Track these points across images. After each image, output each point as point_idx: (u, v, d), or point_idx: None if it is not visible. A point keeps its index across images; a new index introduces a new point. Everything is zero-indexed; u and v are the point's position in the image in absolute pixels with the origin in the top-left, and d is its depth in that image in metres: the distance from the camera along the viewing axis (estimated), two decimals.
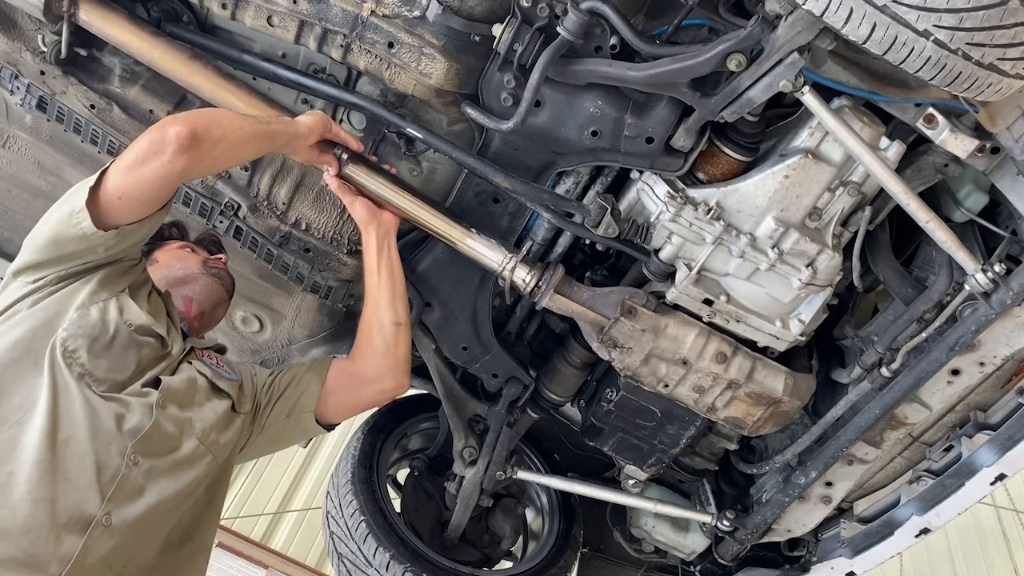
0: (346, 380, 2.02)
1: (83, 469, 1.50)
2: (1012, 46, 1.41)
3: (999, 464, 2.10)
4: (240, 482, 8.02)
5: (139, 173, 1.59)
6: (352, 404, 2.11)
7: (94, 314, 1.63)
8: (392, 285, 2.04)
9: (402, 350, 2.06)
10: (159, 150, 1.57)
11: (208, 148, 1.63)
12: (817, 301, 2.02)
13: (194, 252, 2.11)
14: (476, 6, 1.82)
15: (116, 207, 1.61)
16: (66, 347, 1.58)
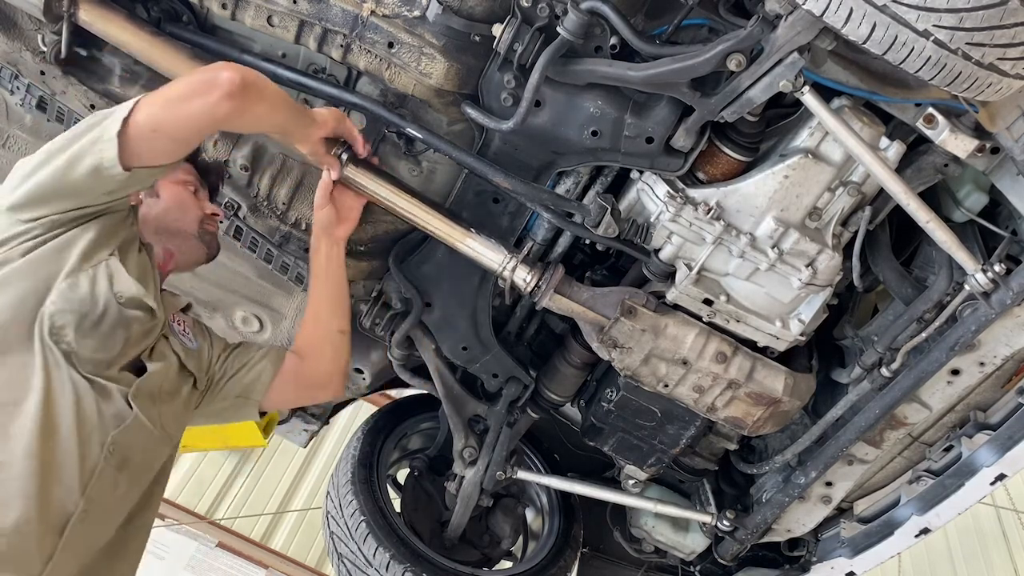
0: (293, 379, 2.02)
1: (70, 463, 1.48)
2: (1012, 46, 1.41)
3: (999, 464, 2.10)
4: (240, 482, 8.02)
5: (181, 109, 1.54)
6: (290, 401, 2.17)
7: (83, 286, 1.57)
8: (338, 294, 2.06)
9: (345, 359, 2.11)
10: (207, 90, 1.53)
11: (252, 102, 1.60)
12: (817, 301, 2.02)
13: (196, 195, 2.01)
14: (476, 6, 1.82)
15: (145, 141, 1.53)
16: (53, 323, 1.52)
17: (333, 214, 2.01)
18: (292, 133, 1.85)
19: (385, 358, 2.62)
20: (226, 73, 1.56)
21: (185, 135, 1.60)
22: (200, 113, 1.55)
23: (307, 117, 1.83)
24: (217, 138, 2.10)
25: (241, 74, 1.57)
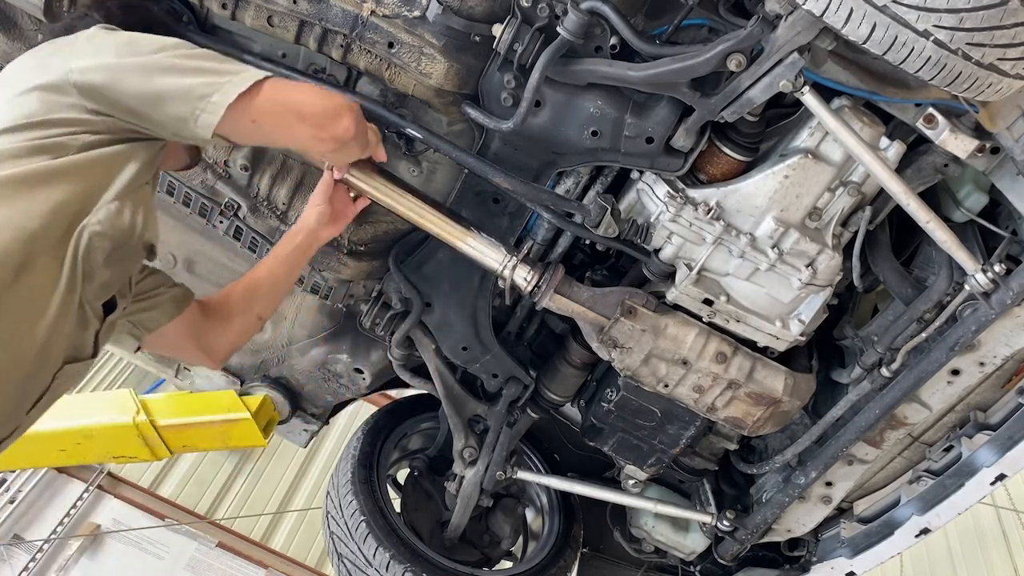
0: (184, 331, 1.85)
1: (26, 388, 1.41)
2: (1012, 46, 1.41)
3: (999, 464, 2.10)
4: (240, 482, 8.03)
5: (290, 124, 1.54)
6: (171, 351, 2.02)
7: (126, 215, 1.46)
8: (283, 284, 1.95)
9: (242, 342, 1.97)
10: (321, 127, 1.55)
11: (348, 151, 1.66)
12: (817, 301, 2.03)
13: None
14: (476, 6, 1.82)
15: (244, 124, 1.49)
16: (91, 243, 1.41)
17: (326, 214, 1.95)
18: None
19: (385, 358, 2.62)
20: (346, 122, 1.57)
21: (277, 143, 1.62)
22: (302, 139, 1.57)
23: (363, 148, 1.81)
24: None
25: (356, 127, 1.59)
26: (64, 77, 1.42)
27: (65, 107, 1.42)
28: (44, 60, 1.50)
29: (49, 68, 1.46)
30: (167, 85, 1.44)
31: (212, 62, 1.50)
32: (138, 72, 1.44)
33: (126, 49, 1.47)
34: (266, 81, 1.49)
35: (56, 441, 2.62)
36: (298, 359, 2.68)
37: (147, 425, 2.61)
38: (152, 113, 1.47)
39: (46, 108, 1.41)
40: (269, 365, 2.73)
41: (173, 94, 1.45)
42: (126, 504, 7.19)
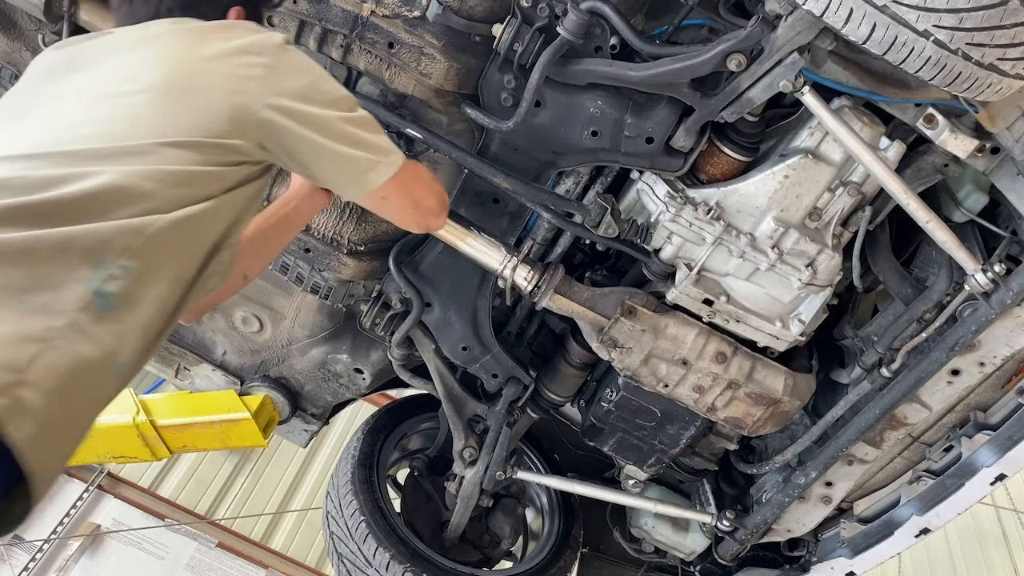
0: None
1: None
2: (1012, 46, 1.41)
3: (999, 464, 2.10)
4: (240, 482, 8.02)
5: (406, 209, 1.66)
6: None
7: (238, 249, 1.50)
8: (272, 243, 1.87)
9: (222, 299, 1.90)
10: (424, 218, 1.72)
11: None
12: (817, 301, 2.02)
13: None
14: (476, 6, 1.82)
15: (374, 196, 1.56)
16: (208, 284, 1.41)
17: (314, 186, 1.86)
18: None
19: (385, 358, 2.62)
20: (441, 219, 1.77)
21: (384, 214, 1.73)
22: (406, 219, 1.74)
23: None
24: None
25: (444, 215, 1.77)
26: (253, 107, 1.36)
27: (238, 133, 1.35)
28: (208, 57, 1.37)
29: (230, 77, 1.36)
30: (339, 152, 1.47)
31: (373, 133, 1.53)
32: (317, 129, 1.43)
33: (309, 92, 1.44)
34: (405, 165, 1.57)
35: None
36: (298, 359, 2.68)
37: (147, 425, 2.61)
38: (313, 167, 1.50)
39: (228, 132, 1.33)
40: (269, 365, 2.73)
41: (340, 161, 1.49)
42: (126, 504, 7.18)
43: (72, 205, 1.15)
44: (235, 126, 1.34)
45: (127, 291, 1.18)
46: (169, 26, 1.43)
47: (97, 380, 1.16)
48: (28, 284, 1.08)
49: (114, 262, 1.16)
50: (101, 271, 1.15)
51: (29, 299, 1.07)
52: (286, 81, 1.40)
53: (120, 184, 1.20)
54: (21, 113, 1.35)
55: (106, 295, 1.15)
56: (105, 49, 1.41)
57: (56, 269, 1.11)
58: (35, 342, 1.05)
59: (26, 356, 1.04)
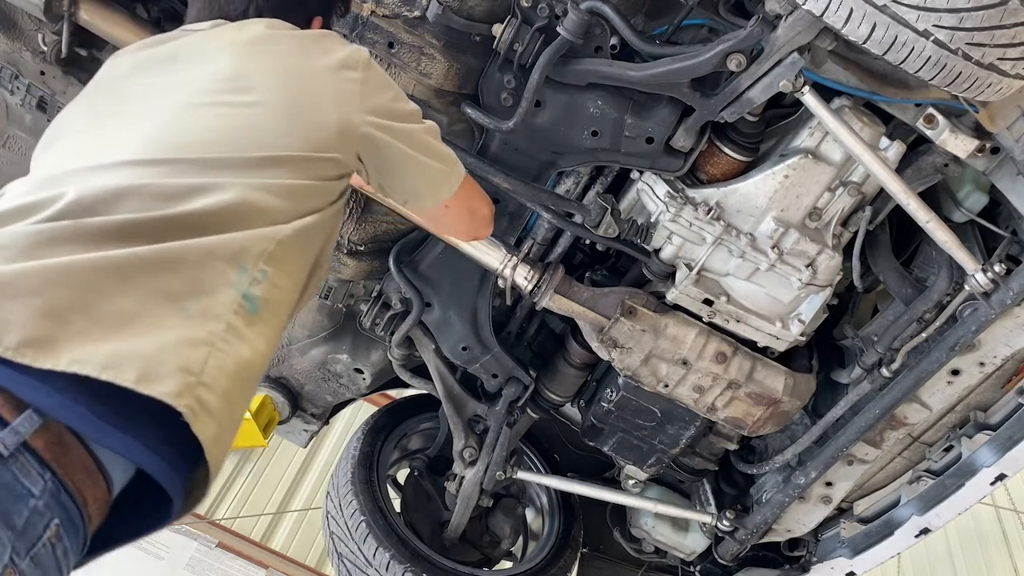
0: None
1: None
2: (1012, 46, 1.41)
3: (999, 464, 2.10)
4: (240, 482, 8.02)
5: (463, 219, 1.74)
6: None
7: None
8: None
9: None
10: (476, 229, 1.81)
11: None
12: (817, 301, 2.02)
13: None
14: (476, 6, 1.82)
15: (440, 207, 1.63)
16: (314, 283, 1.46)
17: None
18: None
19: (385, 358, 2.62)
20: (489, 230, 1.85)
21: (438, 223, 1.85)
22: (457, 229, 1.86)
23: None
24: None
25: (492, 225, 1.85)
26: (356, 121, 1.40)
27: (347, 148, 1.41)
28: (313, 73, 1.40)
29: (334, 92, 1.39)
30: (423, 163, 1.54)
31: (441, 144, 1.60)
32: (405, 141, 1.49)
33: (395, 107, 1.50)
34: (466, 178, 1.65)
35: None
36: (298, 359, 2.68)
37: None
38: (398, 179, 1.54)
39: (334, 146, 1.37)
40: (269, 365, 2.73)
41: (421, 172, 1.55)
42: None
43: (208, 217, 1.19)
44: (341, 140, 1.38)
45: (267, 295, 1.23)
46: (267, 30, 1.43)
47: (252, 381, 1.22)
48: (186, 290, 1.12)
49: (254, 267, 1.21)
50: (244, 276, 1.20)
51: (189, 305, 1.12)
52: (377, 96, 1.45)
53: (249, 199, 1.24)
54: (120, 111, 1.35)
55: (252, 298, 1.20)
56: (204, 49, 1.41)
57: (208, 274, 1.15)
58: (203, 345, 1.10)
59: (199, 359, 1.08)
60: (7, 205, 1.16)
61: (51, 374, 0.98)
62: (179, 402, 1.02)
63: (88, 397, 1.00)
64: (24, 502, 0.97)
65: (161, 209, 1.16)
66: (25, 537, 0.97)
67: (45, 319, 1.00)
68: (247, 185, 1.24)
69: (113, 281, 1.07)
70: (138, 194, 1.16)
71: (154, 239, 1.13)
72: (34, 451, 0.98)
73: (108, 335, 1.03)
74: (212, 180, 1.22)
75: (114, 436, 1.03)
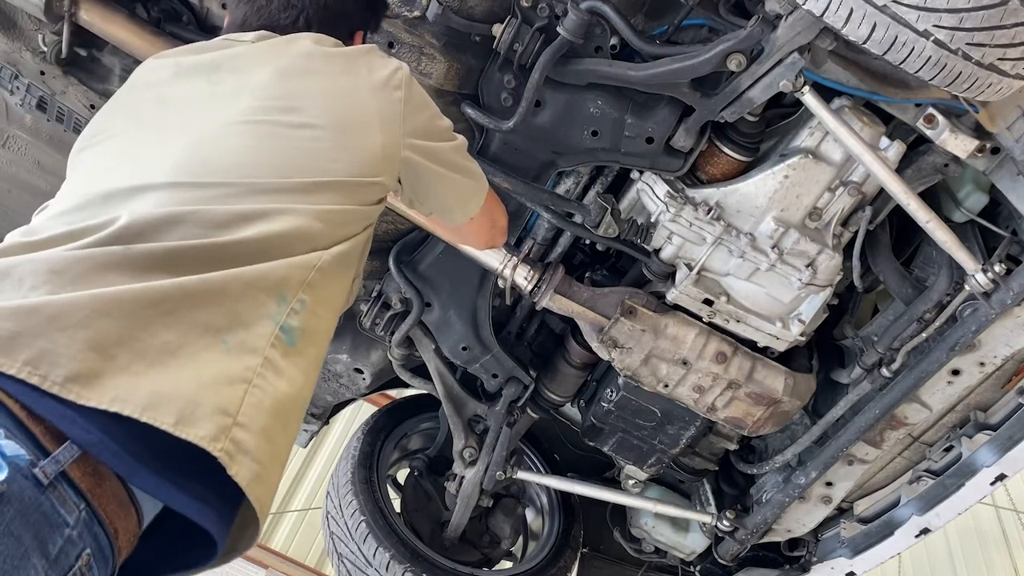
0: None
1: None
2: (1012, 46, 1.41)
3: (999, 464, 2.10)
4: None
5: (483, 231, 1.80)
6: None
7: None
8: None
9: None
10: (493, 239, 1.86)
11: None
12: (817, 301, 2.02)
13: None
14: (476, 6, 1.82)
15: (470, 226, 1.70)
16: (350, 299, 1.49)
17: None
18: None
19: (385, 358, 2.62)
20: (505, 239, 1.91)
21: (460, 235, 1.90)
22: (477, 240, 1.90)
23: None
24: None
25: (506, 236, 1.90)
26: (399, 146, 1.41)
27: (389, 172, 1.41)
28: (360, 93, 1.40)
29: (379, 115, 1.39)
30: (455, 181, 1.57)
31: (469, 161, 1.62)
32: (440, 162, 1.51)
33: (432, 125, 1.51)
34: (488, 191, 1.68)
35: None
36: None
37: None
38: (430, 197, 1.57)
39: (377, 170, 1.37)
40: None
41: (455, 190, 1.59)
42: None
43: (256, 245, 1.19)
44: (384, 165, 1.38)
45: (305, 325, 1.22)
46: (315, 47, 1.42)
47: (293, 415, 1.21)
48: (225, 323, 1.12)
49: (294, 297, 1.21)
50: (283, 306, 1.19)
51: (227, 338, 1.11)
52: (417, 116, 1.46)
53: (297, 225, 1.23)
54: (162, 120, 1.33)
55: (290, 330, 1.19)
56: (251, 63, 1.39)
57: (247, 307, 1.15)
58: (240, 383, 1.09)
59: (236, 398, 1.08)
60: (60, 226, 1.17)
61: (93, 410, 0.99)
62: (214, 446, 1.02)
63: (126, 435, 1.01)
64: (60, 531, 0.98)
65: (210, 237, 1.16)
66: (58, 566, 0.97)
67: (92, 352, 1.01)
68: (297, 211, 1.24)
69: (157, 314, 1.07)
70: (187, 221, 1.16)
71: (201, 268, 1.13)
72: (71, 481, 0.99)
73: (150, 370, 1.03)
74: (263, 207, 1.21)
75: (147, 478, 1.03)
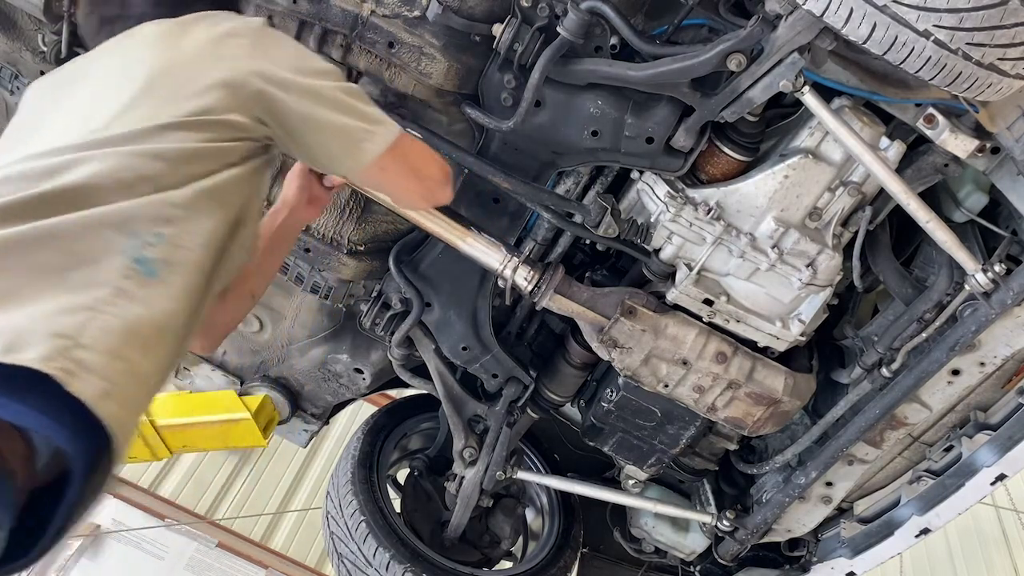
0: None
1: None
2: (1012, 46, 1.41)
3: (999, 464, 2.10)
4: (240, 482, 8.02)
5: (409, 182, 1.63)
6: None
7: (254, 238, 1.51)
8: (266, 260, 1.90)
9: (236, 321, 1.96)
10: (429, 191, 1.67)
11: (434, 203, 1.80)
12: (817, 301, 2.02)
13: None
14: (476, 6, 1.82)
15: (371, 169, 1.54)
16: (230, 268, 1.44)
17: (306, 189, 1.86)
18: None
19: (385, 358, 2.62)
20: (447, 191, 1.69)
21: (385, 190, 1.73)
22: (409, 195, 1.71)
23: None
24: None
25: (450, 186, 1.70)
26: (245, 79, 1.38)
27: (235, 107, 1.38)
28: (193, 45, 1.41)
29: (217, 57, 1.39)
30: (332, 119, 1.47)
31: (365, 104, 1.53)
32: (311, 98, 1.45)
33: (299, 66, 1.47)
34: (402, 136, 1.56)
35: None
36: (298, 359, 2.68)
37: (147, 425, 2.60)
38: (308, 139, 1.49)
39: (224, 107, 1.36)
40: (269, 365, 2.73)
41: (335, 130, 1.48)
42: (126, 504, 7.17)
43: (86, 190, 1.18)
44: (231, 101, 1.36)
45: (168, 256, 1.22)
46: (152, 26, 1.45)
47: (159, 340, 1.20)
48: (65, 263, 1.11)
49: (147, 231, 1.21)
50: (135, 240, 1.19)
51: (71, 276, 1.11)
52: (272, 53, 1.44)
53: (128, 165, 1.23)
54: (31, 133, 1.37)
55: (147, 261, 1.19)
56: (99, 58, 1.46)
57: (89, 245, 1.15)
58: (84, 311, 1.09)
59: (76, 323, 1.07)
60: None
61: None
62: (48, 365, 1.01)
63: None
64: None
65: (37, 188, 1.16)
66: None
67: None
68: (124, 153, 1.24)
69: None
70: (11, 179, 1.17)
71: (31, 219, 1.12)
72: None
73: None
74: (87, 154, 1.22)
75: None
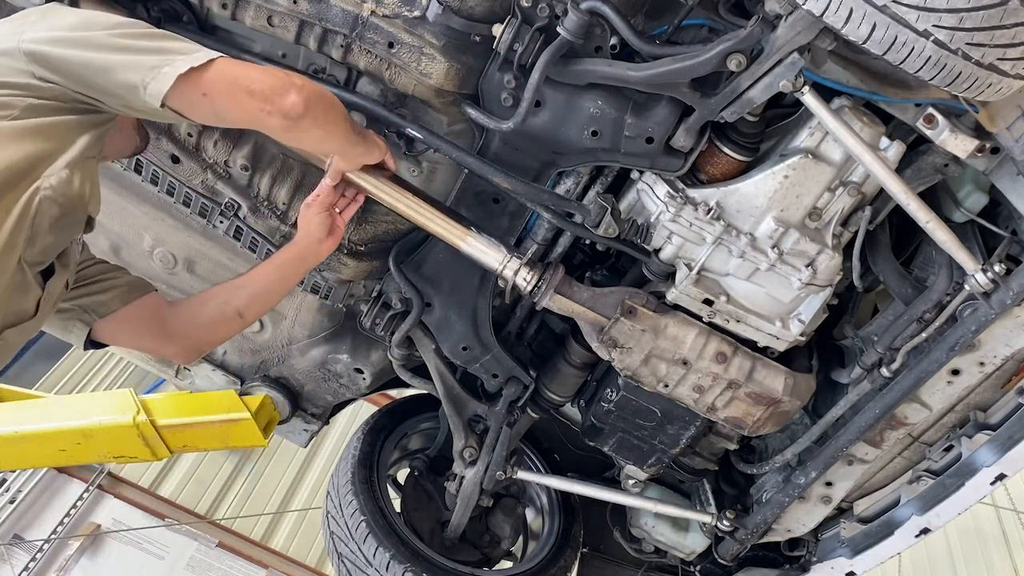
0: (146, 319, 1.87)
1: None
2: (1012, 46, 1.41)
3: (999, 464, 2.10)
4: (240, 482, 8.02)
5: (240, 99, 1.52)
6: (129, 340, 1.98)
7: (76, 184, 1.51)
8: (272, 289, 1.95)
9: (218, 337, 1.98)
10: (269, 100, 1.52)
11: (304, 129, 1.58)
12: (817, 301, 2.02)
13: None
14: (476, 6, 1.82)
15: (195, 98, 1.49)
16: (41, 208, 1.45)
17: (326, 224, 1.93)
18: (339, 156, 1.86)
19: (385, 358, 2.62)
20: (293, 97, 1.53)
21: (229, 120, 1.61)
22: (251, 116, 1.55)
23: (359, 146, 1.82)
24: (217, 138, 2.10)
25: (306, 103, 1.55)
26: (14, 45, 1.46)
27: (13, 71, 1.45)
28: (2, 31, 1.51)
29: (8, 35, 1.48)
30: (115, 59, 1.46)
31: (168, 41, 1.51)
32: (90, 45, 1.46)
33: (81, 24, 1.51)
34: (219, 59, 1.50)
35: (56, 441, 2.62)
36: (298, 359, 2.68)
37: (147, 425, 2.60)
38: (101, 81, 1.48)
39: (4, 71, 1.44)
40: (269, 365, 2.73)
41: (124, 64, 1.46)
42: (126, 504, 7.18)
43: None
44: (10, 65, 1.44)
45: None
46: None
47: None
48: None
49: None
50: None
51: None
52: (50, 20, 1.51)
53: None
54: None
55: None
56: None
57: None
58: None
59: None
60: None
61: None
62: None
63: None
64: None
65: None
66: None
67: None
68: None
69: None
70: None
71: None
72: None
73: None
74: None
75: None
